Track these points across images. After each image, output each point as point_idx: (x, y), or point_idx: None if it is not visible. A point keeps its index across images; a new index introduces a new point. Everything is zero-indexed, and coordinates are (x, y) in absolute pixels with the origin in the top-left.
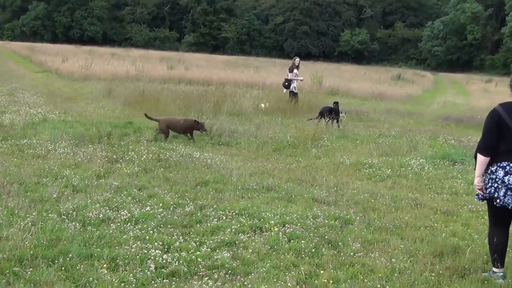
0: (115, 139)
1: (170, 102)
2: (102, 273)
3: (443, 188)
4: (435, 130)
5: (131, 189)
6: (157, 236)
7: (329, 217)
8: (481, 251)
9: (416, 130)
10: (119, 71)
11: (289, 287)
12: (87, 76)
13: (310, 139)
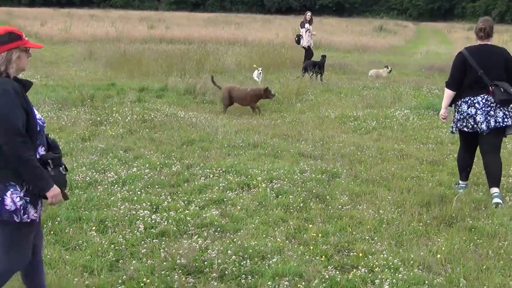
0: (99, 101)
1: (152, 62)
2: (92, 236)
3: (428, 138)
4: (419, 80)
5: (117, 151)
6: (145, 196)
7: (316, 171)
8: (468, 199)
9: (400, 81)
10: (99, 32)
11: (279, 242)
12: (67, 39)
13: (295, 94)
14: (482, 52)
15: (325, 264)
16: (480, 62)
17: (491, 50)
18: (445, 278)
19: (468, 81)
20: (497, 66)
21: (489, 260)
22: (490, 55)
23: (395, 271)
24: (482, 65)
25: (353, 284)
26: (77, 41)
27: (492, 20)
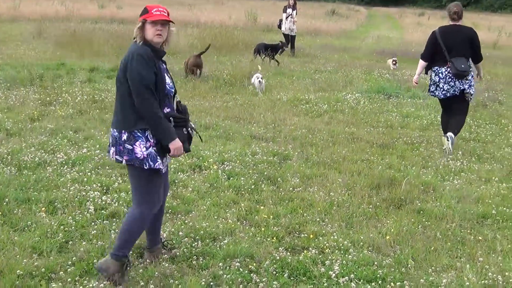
0: (48, 81)
1: (103, 43)
2: (41, 217)
3: (378, 121)
4: (370, 64)
5: (66, 131)
6: (95, 178)
7: (267, 153)
8: (416, 181)
9: (351, 65)
10: (49, 11)
11: (230, 224)
12: (16, 17)
13: (246, 76)
14: (450, 31)
15: (276, 246)
16: (446, 41)
17: (459, 30)
18: (394, 259)
19: (437, 55)
20: (462, 44)
21: (437, 241)
22: (457, 34)
23: (345, 252)
24: (448, 43)
25: (304, 265)
26: (26, 19)
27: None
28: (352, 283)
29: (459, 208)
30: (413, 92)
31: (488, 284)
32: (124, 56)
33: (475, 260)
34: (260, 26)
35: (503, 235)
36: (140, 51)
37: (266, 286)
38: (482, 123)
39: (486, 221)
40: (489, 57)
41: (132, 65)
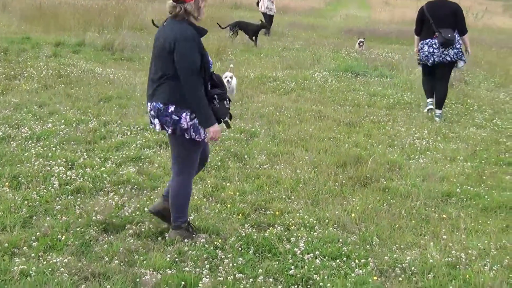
0: (13, 55)
1: (70, 17)
2: (4, 192)
3: (346, 100)
4: (338, 43)
5: (31, 106)
6: (60, 153)
7: (234, 130)
8: (382, 160)
9: (319, 43)
10: None
11: (196, 200)
12: None
13: (214, 53)
14: (436, 6)
15: (242, 222)
16: (433, 14)
17: (444, 5)
18: (359, 236)
19: (426, 28)
20: (447, 17)
21: (402, 219)
22: (442, 9)
23: (311, 229)
24: (434, 16)
25: (269, 241)
26: None
27: None
28: (317, 260)
29: (424, 187)
30: (380, 70)
31: (451, 262)
32: (166, 33)
33: (439, 238)
34: (228, 3)
35: (467, 214)
36: (188, 34)
37: (231, 262)
38: (448, 103)
39: (450, 199)
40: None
41: (181, 48)
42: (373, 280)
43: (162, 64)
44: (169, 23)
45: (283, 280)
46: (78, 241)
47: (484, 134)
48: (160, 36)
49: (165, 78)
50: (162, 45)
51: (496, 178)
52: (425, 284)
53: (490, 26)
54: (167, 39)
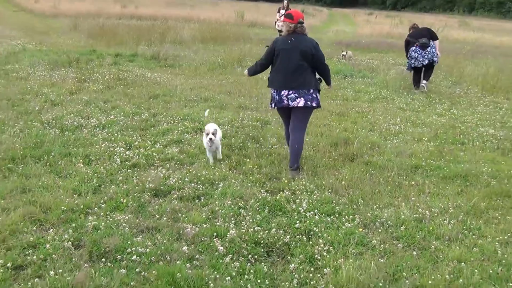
0: (83, 63)
1: (125, 34)
2: (79, 167)
3: (337, 96)
4: (330, 52)
5: (97, 102)
6: (120, 137)
7: (252, 119)
8: (365, 141)
9: None
10: (83, 9)
11: (224, 172)
12: (56, 14)
13: (236, 60)
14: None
15: (259, 189)
16: (413, 36)
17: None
18: (348, 198)
19: (410, 45)
20: (423, 34)
21: (380, 185)
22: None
23: (311, 193)
24: (414, 37)
25: (280, 203)
26: (65, 16)
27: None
28: (316, 216)
29: (397, 161)
30: (363, 73)
31: (418, 217)
32: (301, 41)
33: (408, 199)
34: (246, 22)
35: (430, 181)
36: (315, 40)
37: (251, 218)
38: (416, 97)
39: (417, 170)
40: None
41: (319, 50)
42: (359, 231)
43: (302, 65)
44: (297, 37)
45: (290, 231)
46: (136, 203)
47: (443, 120)
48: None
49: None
50: (302, 52)
51: (452, 154)
52: (398, 234)
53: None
54: (305, 46)
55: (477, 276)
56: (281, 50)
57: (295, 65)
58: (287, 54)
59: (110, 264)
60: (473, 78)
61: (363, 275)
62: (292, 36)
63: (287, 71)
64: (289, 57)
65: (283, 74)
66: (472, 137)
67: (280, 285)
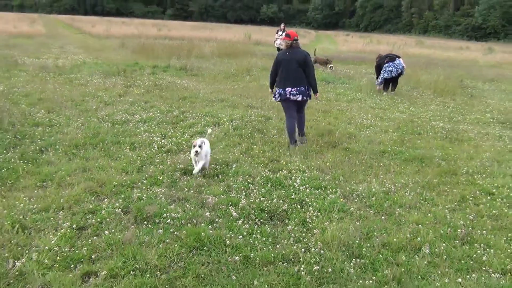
0: (128, 73)
1: (160, 51)
2: (126, 152)
3: (322, 97)
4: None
5: (140, 102)
6: (157, 129)
7: (258, 115)
8: (344, 132)
9: None
10: (128, 32)
11: (236, 156)
12: (108, 36)
13: (245, 70)
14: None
15: (263, 168)
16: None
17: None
18: (331, 176)
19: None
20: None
21: (356, 166)
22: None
23: (303, 172)
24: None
25: (280, 179)
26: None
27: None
28: (307, 190)
29: (369, 147)
30: (343, 80)
31: (386, 190)
32: (296, 53)
33: (378, 177)
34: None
35: (394, 162)
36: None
37: (257, 191)
38: (383, 98)
39: (384, 154)
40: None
41: (308, 58)
42: (340, 201)
43: (296, 68)
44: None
45: (287, 201)
46: (169, 180)
47: (404, 116)
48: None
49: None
50: (299, 59)
51: (411, 142)
52: (370, 203)
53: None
54: (299, 55)
55: (431, 235)
56: (283, 60)
57: (294, 70)
58: (287, 62)
59: (150, 226)
60: (427, 84)
61: (344, 234)
62: (289, 49)
63: (288, 74)
64: (289, 64)
65: (286, 77)
66: (426, 129)
67: (280, 242)
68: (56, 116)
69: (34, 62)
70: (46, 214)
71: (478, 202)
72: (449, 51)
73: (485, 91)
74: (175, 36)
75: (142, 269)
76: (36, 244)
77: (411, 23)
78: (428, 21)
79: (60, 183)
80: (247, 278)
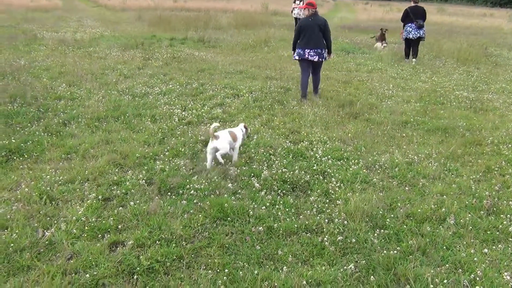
0: (146, 46)
1: (177, 23)
2: (148, 124)
3: (342, 68)
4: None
5: (159, 75)
6: (177, 101)
7: (277, 87)
8: (365, 103)
9: None
10: (144, 4)
11: (257, 127)
12: (124, 8)
13: (263, 41)
14: (414, 8)
15: (284, 140)
16: (412, 12)
17: (418, 7)
18: (353, 147)
19: (408, 19)
20: (420, 14)
21: (378, 137)
22: (417, 9)
23: (324, 143)
24: (413, 13)
25: (301, 150)
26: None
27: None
28: (329, 161)
29: (391, 118)
30: (363, 50)
31: (409, 161)
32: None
33: (401, 147)
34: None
35: (418, 133)
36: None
37: (279, 162)
38: (404, 68)
39: (407, 125)
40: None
41: (327, 24)
42: (363, 172)
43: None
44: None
45: (309, 172)
46: (191, 151)
47: (427, 86)
48: (313, 22)
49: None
50: (319, 23)
51: (434, 112)
52: (393, 174)
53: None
54: (319, 21)
55: (456, 206)
56: (306, 25)
57: (315, 34)
58: (310, 27)
59: (174, 197)
60: (449, 53)
61: (367, 205)
62: (312, 16)
63: (310, 37)
64: (312, 29)
65: (307, 39)
66: (450, 99)
67: (303, 213)
68: (77, 90)
69: (52, 36)
70: (72, 186)
71: (504, 173)
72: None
73: (511, 59)
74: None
75: (168, 239)
76: (64, 214)
77: None
78: None
79: (84, 155)
80: (271, 248)
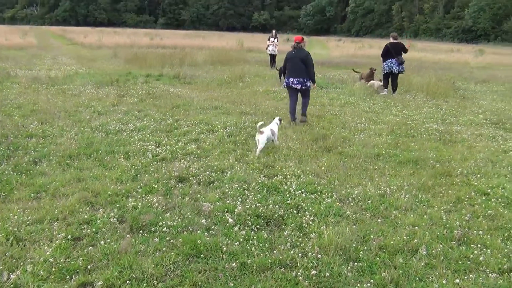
0: (121, 82)
1: (153, 60)
2: (121, 161)
3: (316, 102)
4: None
5: (133, 112)
6: (151, 137)
7: (251, 121)
8: (339, 136)
9: None
10: (120, 42)
11: (231, 162)
12: (100, 46)
13: (238, 77)
14: (394, 44)
15: (258, 174)
16: (392, 48)
17: (397, 44)
18: (327, 180)
19: (389, 54)
20: (399, 49)
21: (351, 170)
22: (397, 46)
23: (298, 177)
24: (393, 49)
25: (275, 184)
26: (107, 47)
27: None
28: (303, 194)
29: (363, 151)
30: (336, 85)
31: (381, 193)
32: (300, 52)
33: (373, 180)
34: (245, 49)
35: (389, 166)
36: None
37: (253, 197)
38: (376, 102)
39: (379, 157)
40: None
41: (309, 56)
42: (336, 205)
43: (301, 64)
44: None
45: (283, 206)
46: (164, 188)
47: (397, 119)
48: (296, 55)
49: (303, 69)
50: (301, 56)
51: (405, 145)
52: (366, 206)
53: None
54: (302, 54)
55: (427, 237)
56: (290, 57)
57: (298, 65)
58: (293, 59)
59: (146, 235)
60: (419, 87)
61: (340, 238)
62: (295, 49)
63: (293, 68)
64: (294, 61)
65: (290, 69)
66: (420, 131)
67: (277, 247)
68: (49, 127)
69: (26, 73)
70: (41, 226)
71: (474, 203)
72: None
73: (477, 92)
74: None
75: (139, 278)
76: (31, 255)
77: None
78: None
79: (54, 194)
80: (244, 285)
